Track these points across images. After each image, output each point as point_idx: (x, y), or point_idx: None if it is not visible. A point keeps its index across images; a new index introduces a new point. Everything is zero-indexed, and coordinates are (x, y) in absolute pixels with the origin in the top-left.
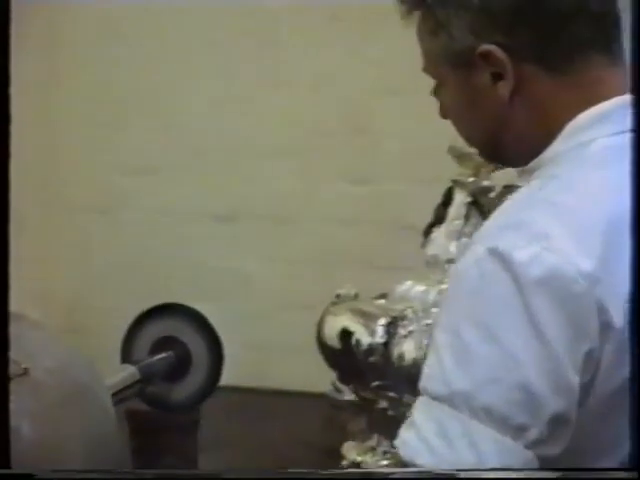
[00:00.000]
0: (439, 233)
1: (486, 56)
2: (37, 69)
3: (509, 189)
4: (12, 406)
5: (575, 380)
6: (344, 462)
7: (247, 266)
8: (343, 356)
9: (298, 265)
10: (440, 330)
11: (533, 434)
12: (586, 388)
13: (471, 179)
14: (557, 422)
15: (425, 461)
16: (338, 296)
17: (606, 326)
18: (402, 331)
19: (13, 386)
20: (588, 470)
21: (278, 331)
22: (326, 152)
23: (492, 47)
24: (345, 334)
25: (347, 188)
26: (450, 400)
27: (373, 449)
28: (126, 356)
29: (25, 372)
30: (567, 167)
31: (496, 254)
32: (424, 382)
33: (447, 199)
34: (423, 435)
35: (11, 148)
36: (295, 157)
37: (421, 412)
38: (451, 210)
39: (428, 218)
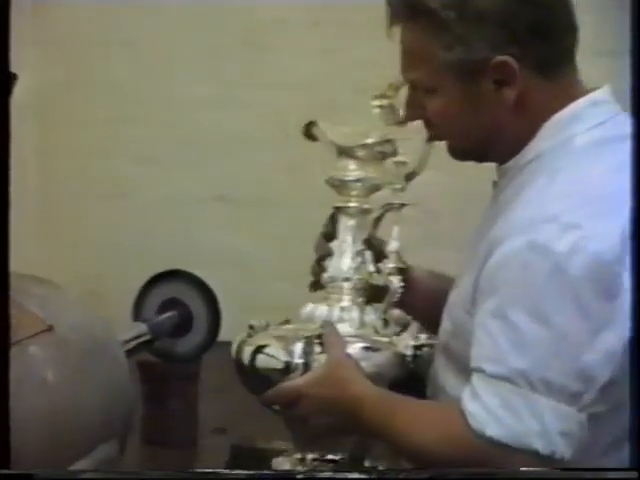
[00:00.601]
0: (331, 257)
1: (500, 66)
2: (63, 71)
3: (387, 207)
4: (39, 356)
5: (619, 347)
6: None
7: (239, 241)
8: (264, 380)
9: (284, 241)
10: (488, 316)
11: (587, 399)
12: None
13: (353, 204)
14: (606, 386)
15: (494, 432)
16: (251, 327)
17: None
18: (318, 349)
19: (40, 340)
20: (588, 470)
21: (268, 296)
22: (309, 144)
23: (508, 58)
24: (264, 358)
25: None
26: (510, 378)
27: (303, 460)
28: (137, 315)
29: (50, 328)
30: (565, 161)
31: (536, 246)
32: (479, 363)
33: (329, 228)
34: (490, 408)
35: (42, 143)
36: (282, 149)
37: (483, 388)
38: (340, 232)
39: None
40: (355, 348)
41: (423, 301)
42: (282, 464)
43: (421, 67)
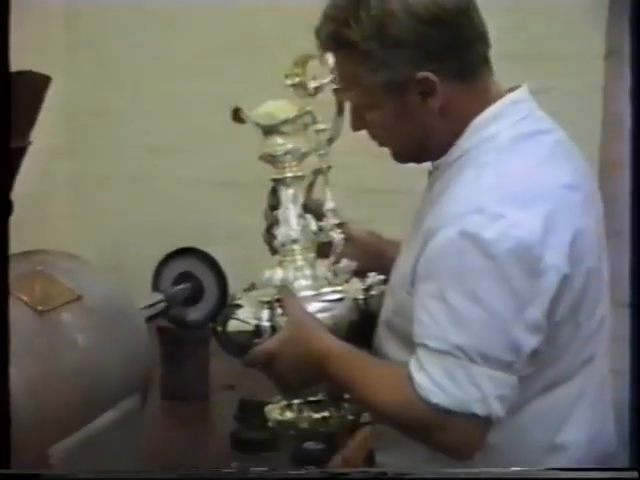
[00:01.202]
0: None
1: (422, 81)
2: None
3: (317, 172)
4: (69, 322)
5: (544, 322)
6: (270, 423)
7: (245, 221)
8: (240, 345)
9: None
10: (429, 299)
11: (517, 365)
12: (549, 324)
13: (289, 174)
14: (532, 353)
15: (439, 399)
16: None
17: (564, 276)
18: (279, 311)
19: (71, 308)
20: (588, 470)
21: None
22: None
23: (428, 74)
24: (236, 323)
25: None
26: (451, 352)
27: (290, 406)
28: (155, 286)
29: (79, 298)
30: (490, 156)
31: (468, 236)
32: (423, 340)
33: (272, 200)
34: (434, 379)
35: (72, 134)
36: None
37: (428, 361)
38: (282, 201)
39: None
40: (313, 302)
41: (362, 252)
42: (272, 411)
43: (354, 88)
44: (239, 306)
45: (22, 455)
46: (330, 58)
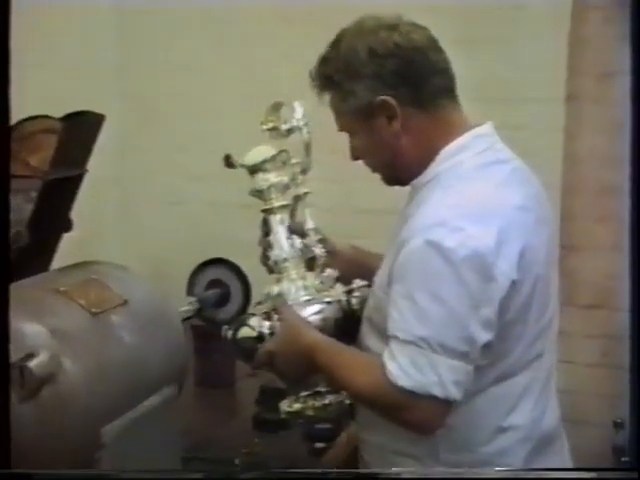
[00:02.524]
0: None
1: (382, 104)
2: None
3: (297, 198)
4: (117, 323)
5: (495, 320)
6: (283, 415)
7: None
8: (246, 350)
9: None
10: (399, 297)
11: (471, 356)
12: (501, 322)
13: (276, 204)
14: (485, 346)
15: (405, 383)
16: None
17: (512, 282)
18: (275, 317)
19: (118, 311)
20: (588, 470)
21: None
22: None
23: (386, 97)
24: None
25: None
26: (415, 342)
27: (297, 398)
28: (190, 291)
29: (125, 302)
30: (455, 182)
31: (432, 245)
32: (393, 332)
33: (264, 228)
34: (401, 365)
35: (121, 163)
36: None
37: (397, 351)
38: (272, 227)
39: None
40: (306, 306)
41: (344, 263)
42: (283, 405)
43: (340, 118)
44: (247, 318)
45: (77, 435)
46: (298, 105)
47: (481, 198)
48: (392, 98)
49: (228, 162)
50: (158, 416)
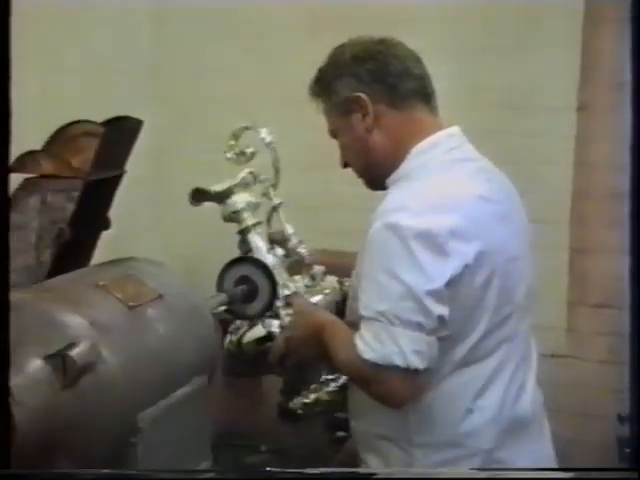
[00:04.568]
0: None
1: (356, 100)
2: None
3: (270, 211)
4: (153, 316)
5: (445, 292)
6: (300, 410)
7: None
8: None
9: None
10: (364, 279)
11: (428, 326)
12: (454, 302)
13: (250, 223)
14: (440, 318)
15: (369, 356)
16: None
17: (465, 264)
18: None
19: (154, 304)
20: (588, 470)
21: None
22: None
23: (359, 94)
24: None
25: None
26: (376, 318)
27: (311, 390)
28: (219, 287)
29: (160, 296)
30: (422, 175)
31: (389, 226)
32: (361, 311)
33: (243, 247)
34: (366, 340)
35: (153, 165)
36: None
37: (364, 328)
38: (252, 243)
39: None
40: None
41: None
42: (299, 400)
43: (328, 120)
44: (251, 325)
45: (114, 421)
46: (263, 130)
47: (443, 189)
48: (366, 95)
49: (196, 195)
50: (190, 404)
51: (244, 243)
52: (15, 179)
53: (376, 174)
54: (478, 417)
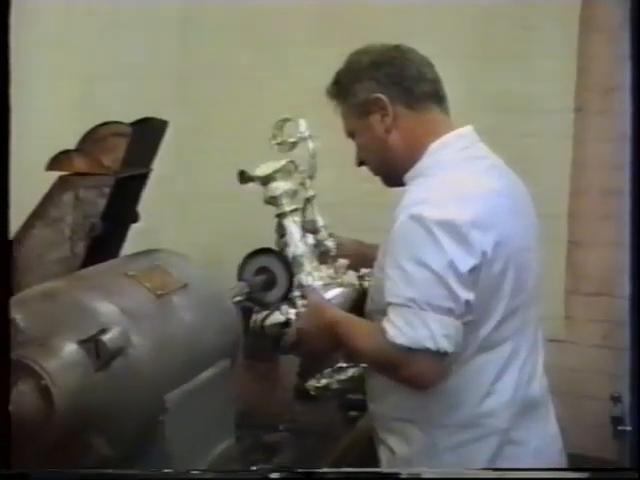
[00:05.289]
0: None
1: (376, 101)
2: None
3: (305, 201)
4: (178, 304)
5: (470, 278)
6: (312, 392)
7: None
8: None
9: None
10: (390, 268)
11: (457, 311)
12: (475, 282)
13: (287, 209)
14: (467, 303)
15: (401, 340)
16: None
17: (483, 252)
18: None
19: (179, 293)
20: (588, 470)
21: None
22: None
23: (380, 94)
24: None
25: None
26: (407, 304)
27: (324, 375)
28: (240, 277)
29: (185, 286)
30: (438, 171)
31: (414, 217)
32: (389, 299)
33: (279, 230)
34: (397, 325)
35: (180, 163)
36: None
37: (392, 314)
38: (286, 229)
39: None
40: (328, 291)
41: (348, 255)
42: (312, 383)
43: (345, 121)
44: (274, 308)
45: (144, 401)
46: (301, 122)
47: (461, 183)
48: (385, 96)
49: (242, 177)
50: (214, 386)
51: (280, 227)
52: (51, 177)
53: (393, 171)
54: (496, 399)
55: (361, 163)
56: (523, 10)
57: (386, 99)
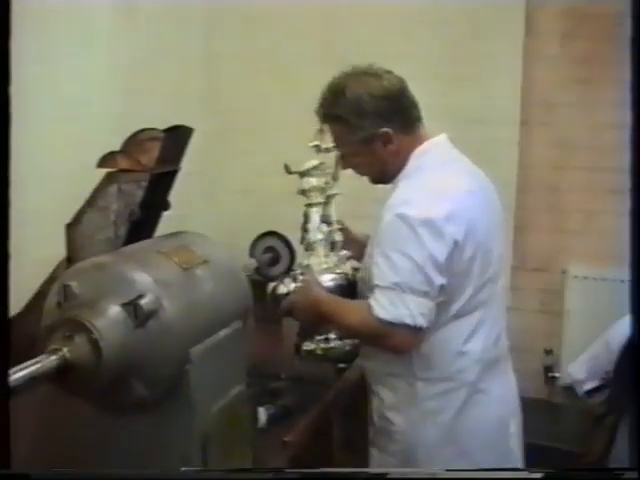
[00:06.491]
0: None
1: (384, 134)
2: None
3: (329, 197)
4: (200, 276)
5: (445, 267)
6: (302, 354)
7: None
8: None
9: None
10: (378, 256)
11: (432, 294)
12: (449, 272)
13: (314, 201)
14: (441, 287)
15: (384, 316)
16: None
17: (455, 241)
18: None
19: (200, 267)
20: (588, 470)
21: None
22: None
23: (387, 129)
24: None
25: None
26: (391, 287)
27: (313, 341)
28: (251, 254)
29: (206, 261)
30: (419, 174)
31: (399, 216)
32: (376, 281)
33: (305, 218)
34: (382, 304)
35: (204, 162)
36: None
37: (379, 294)
38: (310, 217)
39: None
40: (325, 274)
41: (357, 247)
42: (304, 346)
43: (341, 145)
44: (283, 279)
45: (173, 353)
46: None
47: (437, 184)
48: (391, 130)
49: (287, 169)
50: (229, 342)
51: (305, 215)
52: (100, 173)
53: (382, 177)
54: (467, 357)
55: (346, 168)
56: (479, 41)
57: (392, 132)
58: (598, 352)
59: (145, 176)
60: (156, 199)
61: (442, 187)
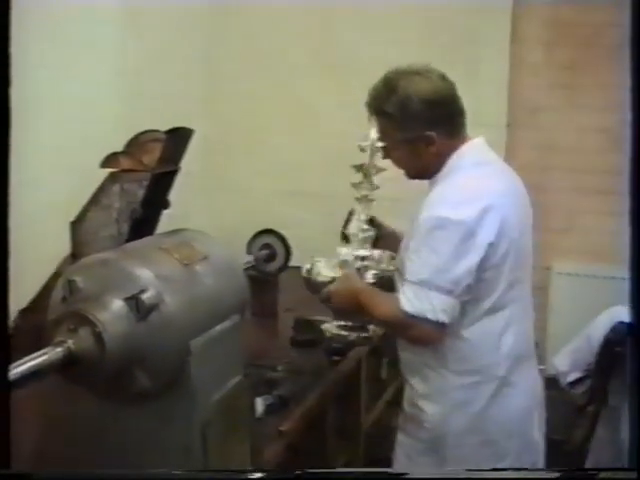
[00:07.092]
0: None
1: (428, 137)
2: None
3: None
4: (200, 271)
5: (474, 269)
6: (327, 334)
7: (305, 216)
8: (318, 287)
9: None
10: (411, 252)
11: (457, 292)
12: (482, 270)
13: (359, 195)
14: (467, 287)
15: (409, 309)
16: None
17: (489, 243)
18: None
19: (201, 263)
20: (588, 470)
21: (318, 244)
22: None
23: (433, 133)
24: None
25: None
26: (419, 283)
27: (337, 327)
28: (249, 251)
29: (206, 257)
30: (456, 175)
31: (435, 215)
32: (407, 275)
33: (349, 216)
34: (408, 298)
35: (205, 162)
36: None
37: (407, 288)
38: (356, 211)
39: None
40: (365, 273)
41: (388, 244)
42: (329, 328)
43: (386, 139)
44: (320, 263)
45: (174, 345)
46: (372, 131)
47: (472, 186)
48: (435, 133)
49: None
50: (228, 334)
51: (350, 213)
52: (103, 173)
53: (420, 174)
54: (497, 353)
55: (386, 157)
56: (467, 48)
57: (436, 136)
58: (580, 345)
59: (146, 176)
60: (157, 198)
61: (477, 188)
